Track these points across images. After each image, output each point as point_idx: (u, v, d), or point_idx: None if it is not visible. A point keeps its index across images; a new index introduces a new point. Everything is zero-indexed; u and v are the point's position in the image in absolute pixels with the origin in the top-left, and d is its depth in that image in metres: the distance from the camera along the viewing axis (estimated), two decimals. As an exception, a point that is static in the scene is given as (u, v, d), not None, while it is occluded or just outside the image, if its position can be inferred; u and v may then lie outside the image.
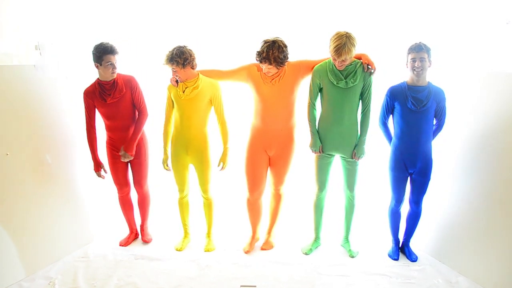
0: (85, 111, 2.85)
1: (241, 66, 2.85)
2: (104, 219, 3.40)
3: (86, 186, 3.21)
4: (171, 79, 2.84)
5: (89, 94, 2.80)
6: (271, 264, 2.86)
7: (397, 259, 2.92)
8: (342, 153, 2.80)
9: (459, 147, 2.80)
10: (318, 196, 2.96)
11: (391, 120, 2.80)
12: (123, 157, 2.88)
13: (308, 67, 2.77)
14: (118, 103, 2.81)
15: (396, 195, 2.85)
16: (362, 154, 2.77)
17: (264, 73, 2.71)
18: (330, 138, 2.78)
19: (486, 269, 2.56)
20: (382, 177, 3.01)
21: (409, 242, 2.98)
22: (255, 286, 2.55)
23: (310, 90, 2.79)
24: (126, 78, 2.84)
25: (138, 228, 3.30)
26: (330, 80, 2.66)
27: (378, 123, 2.84)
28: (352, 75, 2.62)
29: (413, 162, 2.70)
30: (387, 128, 2.83)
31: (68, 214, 3.03)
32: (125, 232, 3.28)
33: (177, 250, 3.07)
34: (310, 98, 2.81)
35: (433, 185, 2.78)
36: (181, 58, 2.66)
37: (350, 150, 2.77)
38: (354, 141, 2.76)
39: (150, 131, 3.12)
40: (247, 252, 3.03)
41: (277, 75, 2.71)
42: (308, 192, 3.22)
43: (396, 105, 2.68)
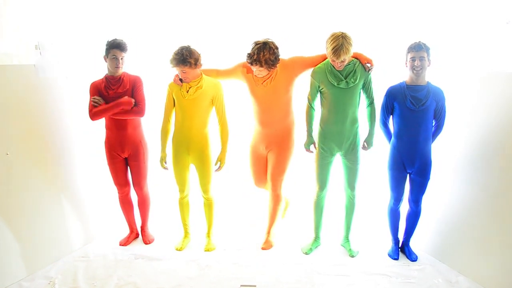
0: (89, 101, 2.87)
1: (237, 64, 2.86)
2: (104, 219, 3.39)
3: (86, 186, 3.21)
4: (175, 79, 2.83)
5: (95, 86, 2.88)
6: (271, 264, 2.86)
7: (397, 259, 2.92)
8: (343, 151, 2.80)
9: (459, 147, 2.80)
10: (319, 195, 2.96)
11: (391, 120, 2.80)
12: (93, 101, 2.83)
13: (302, 64, 2.75)
14: (119, 98, 2.84)
15: (395, 194, 2.85)
16: (371, 145, 2.84)
17: (254, 75, 2.71)
18: (332, 137, 2.79)
19: (486, 268, 2.56)
20: (382, 176, 3.01)
21: (409, 241, 2.98)
22: (255, 286, 2.55)
23: (310, 91, 2.80)
24: (132, 77, 2.91)
25: (139, 228, 3.30)
26: (330, 81, 2.67)
27: (379, 123, 2.84)
28: (352, 75, 2.63)
29: (411, 162, 2.70)
30: (388, 128, 2.83)
31: (68, 214, 3.03)
32: (125, 232, 3.28)
33: (177, 249, 3.07)
34: (309, 99, 2.83)
35: (433, 184, 2.78)
36: (192, 58, 2.66)
37: (351, 148, 2.79)
38: (355, 139, 2.78)
39: (150, 133, 3.12)
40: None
41: (268, 77, 2.70)
42: (307, 191, 3.23)
43: (395, 104, 2.69)
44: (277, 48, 2.62)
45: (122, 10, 3.47)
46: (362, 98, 2.79)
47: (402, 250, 3.01)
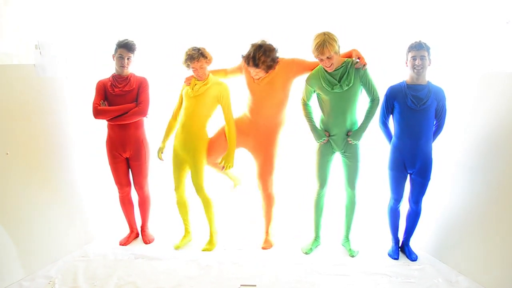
0: (95, 97, 2.89)
1: (238, 64, 2.89)
2: (104, 219, 3.40)
3: (86, 186, 3.21)
4: (188, 79, 2.94)
5: (102, 83, 2.92)
6: (271, 264, 2.86)
7: (397, 259, 2.92)
8: (343, 150, 2.81)
9: (460, 147, 2.80)
10: (319, 193, 2.96)
11: (391, 120, 2.80)
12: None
13: (300, 67, 2.75)
14: (123, 98, 2.89)
15: (395, 195, 2.85)
16: (357, 139, 2.74)
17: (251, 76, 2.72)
18: (333, 139, 2.79)
19: (486, 268, 2.56)
20: (382, 176, 3.01)
21: (409, 241, 2.98)
22: (255, 286, 2.55)
23: (304, 92, 2.81)
24: (139, 78, 2.97)
25: (139, 228, 3.30)
26: (325, 87, 2.66)
27: (378, 123, 2.84)
28: (345, 77, 2.61)
29: (412, 162, 2.70)
30: (387, 127, 2.83)
31: (68, 214, 3.03)
32: (125, 232, 3.28)
33: (175, 248, 3.07)
34: (303, 99, 2.84)
35: (433, 184, 2.78)
36: (207, 53, 2.79)
37: (351, 147, 2.78)
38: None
39: (152, 133, 3.13)
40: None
41: (265, 77, 2.71)
42: (307, 191, 3.23)
43: (395, 104, 2.68)
44: (273, 50, 2.61)
45: (122, 10, 3.48)
46: (361, 98, 2.78)
47: (402, 249, 3.01)
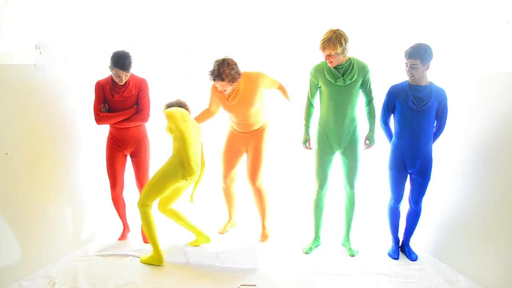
0: (94, 102, 2.89)
1: (210, 91, 3.01)
2: (104, 219, 3.40)
3: (86, 186, 3.21)
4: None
5: (101, 86, 2.88)
6: (271, 264, 2.86)
7: (397, 258, 2.92)
8: (342, 149, 2.81)
9: (460, 146, 2.80)
10: (318, 193, 2.96)
11: (392, 119, 2.80)
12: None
13: (264, 81, 2.91)
14: (123, 102, 2.90)
15: (395, 194, 2.85)
16: (373, 142, 2.82)
17: (221, 92, 2.83)
18: (331, 135, 2.80)
19: (486, 268, 2.56)
20: (382, 176, 3.01)
21: (409, 241, 2.98)
22: (255, 286, 2.55)
23: (309, 89, 2.83)
24: (138, 80, 2.94)
25: (132, 226, 3.31)
26: (328, 79, 2.68)
27: (379, 122, 2.84)
28: (349, 72, 2.64)
29: (412, 162, 2.70)
30: (388, 127, 2.83)
31: (68, 213, 3.03)
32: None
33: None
34: (308, 97, 2.86)
35: (433, 184, 2.78)
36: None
37: (350, 145, 2.80)
38: (354, 136, 2.79)
39: (153, 130, 3.15)
40: (220, 233, 3.32)
41: (231, 92, 2.84)
42: (307, 192, 3.23)
43: (396, 103, 2.68)
44: (235, 64, 2.75)
45: (122, 9, 3.48)
46: (361, 97, 2.79)
47: (402, 249, 3.01)
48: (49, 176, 2.88)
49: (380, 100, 2.79)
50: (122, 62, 2.73)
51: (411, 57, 2.50)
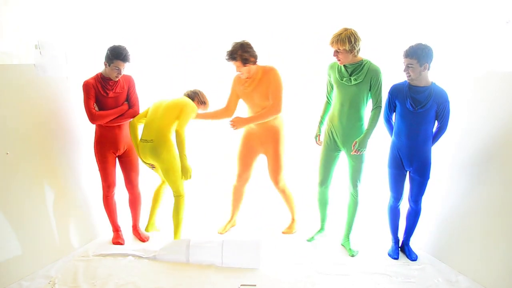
0: (85, 101, 2.81)
1: (231, 86, 3.09)
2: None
3: (86, 186, 3.21)
4: None
5: (91, 86, 2.81)
6: (271, 264, 2.86)
7: (397, 258, 2.92)
8: (347, 148, 2.81)
9: (459, 146, 2.80)
10: (320, 189, 2.99)
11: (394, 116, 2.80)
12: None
13: (269, 88, 2.92)
14: (116, 99, 2.91)
15: (394, 193, 2.85)
16: (362, 148, 2.70)
17: (239, 76, 2.93)
18: (336, 132, 2.83)
19: (486, 268, 2.56)
20: (382, 176, 3.01)
21: (409, 241, 2.98)
22: (255, 286, 2.55)
23: (327, 85, 2.92)
24: (126, 77, 2.97)
25: (126, 227, 3.30)
26: (337, 77, 2.73)
27: (383, 120, 2.84)
28: (357, 72, 2.64)
29: (409, 161, 2.70)
30: (391, 124, 2.82)
31: (68, 213, 3.03)
32: (125, 231, 3.28)
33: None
34: (326, 94, 2.95)
35: (433, 184, 2.78)
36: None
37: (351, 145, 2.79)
38: (359, 136, 2.77)
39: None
40: (220, 233, 3.33)
41: (249, 78, 2.91)
42: (311, 189, 3.24)
43: (397, 103, 2.68)
44: (251, 47, 2.85)
45: (122, 9, 3.48)
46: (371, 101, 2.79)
47: (402, 249, 3.01)
48: (48, 176, 2.88)
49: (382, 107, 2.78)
50: (124, 53, 2.75)
51: (407, 56, 2.48)
